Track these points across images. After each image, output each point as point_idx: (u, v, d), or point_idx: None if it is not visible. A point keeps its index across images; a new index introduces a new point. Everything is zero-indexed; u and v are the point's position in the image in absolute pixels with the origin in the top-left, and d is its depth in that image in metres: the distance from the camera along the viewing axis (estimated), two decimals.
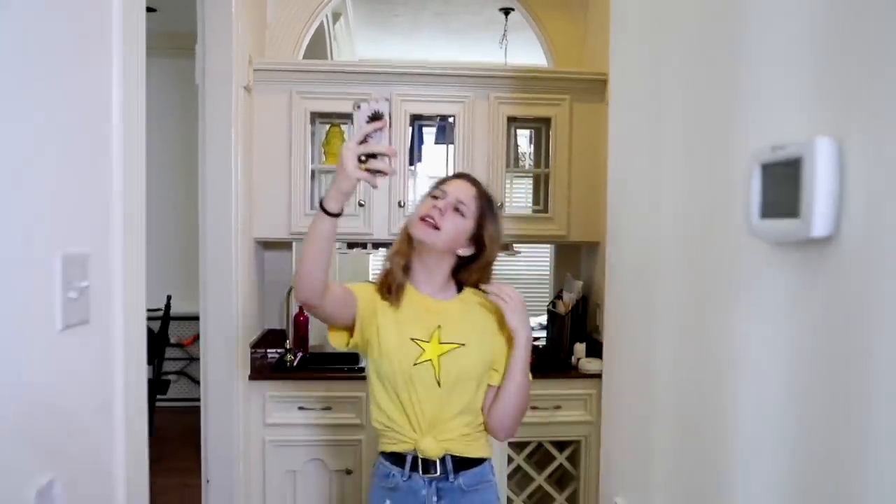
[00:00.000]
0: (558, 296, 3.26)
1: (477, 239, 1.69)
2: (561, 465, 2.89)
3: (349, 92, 2.93)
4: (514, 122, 3.18)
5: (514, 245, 3.25)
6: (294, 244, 3.31)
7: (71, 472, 1.18)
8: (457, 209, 1.65)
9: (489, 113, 3.04)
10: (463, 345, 1.66)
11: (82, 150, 1.24)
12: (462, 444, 1.67)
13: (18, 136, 1.03)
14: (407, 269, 1.71)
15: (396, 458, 1.68)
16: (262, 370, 2.85)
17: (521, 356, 1.67)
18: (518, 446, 2.87)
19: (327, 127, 3.18)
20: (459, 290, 1.75)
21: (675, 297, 1.25)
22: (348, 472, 2.80)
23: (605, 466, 1.61)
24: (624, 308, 1.55)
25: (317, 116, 3.07)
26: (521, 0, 3.45)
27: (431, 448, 1.63)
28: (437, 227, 1.62)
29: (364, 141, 1.42)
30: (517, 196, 3.60)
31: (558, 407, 2.81)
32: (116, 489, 1.36)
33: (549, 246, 3.83)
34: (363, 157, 1.42)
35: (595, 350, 2.83)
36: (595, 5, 3.23)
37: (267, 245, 3.26)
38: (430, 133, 3.35)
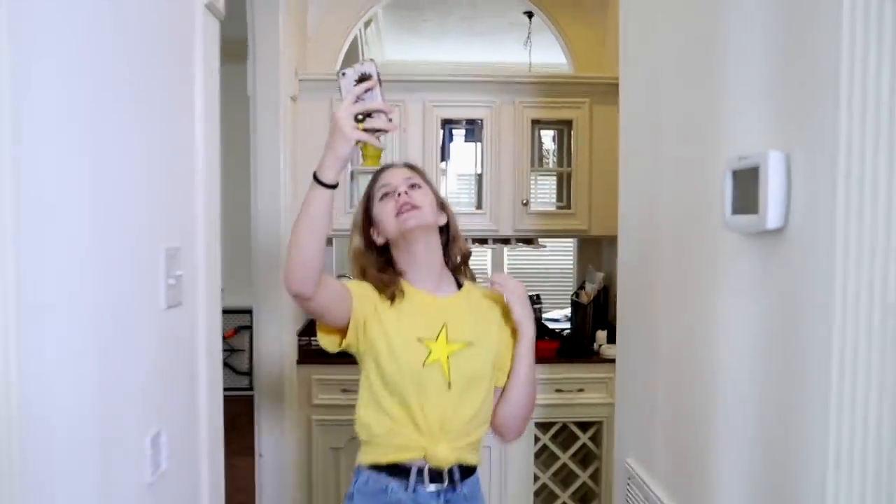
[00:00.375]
0: (581, 286, 3.48)
1: (440, 205, 1.63)
2: (584, 444, 3.11)
3: (386, 99, 3.16)
4: (537, 123, 3.40)
5: (539, 239, 3.48)
6: (335, 240, 3.57)
7: (171, 424, 1.43)
8: (412, 186, 1.57)
9: (514, 116, 3.27)
10: (471, 343, 1.55)
11: (175, 166, 1.50)
12: (469, 452, 1.55)
13: (135, 158, 1.29)
14: (386, 270, 1.60)
15: (396, 470, 1.51)
16: (308, 355, 3.11)
17: (528, 349, 1.58)
18: (544, 427, 3.09)
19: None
20: (459, 286, 1.65)
21: (670, 282, 1.48)
22: None
23: (618, 433, 1.84)
24: (632, 295, 1.77)
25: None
26: (542, 5, 3.67)
27: (446, 456, 1.50)
28: (416, 207, 1.53)
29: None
30: (542, 193, 3.81)
31: (581, 390, 3.03)
32: (201, 439, 1.62)
33: (572, 240, 4.05)
34: (360, 117, 1.31)
35: (615, 337, 3.04)
36: (612, 11, 3.43)
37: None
38: (459, 133, 3.57)
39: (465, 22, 5.55)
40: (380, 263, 1.61)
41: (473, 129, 3.44)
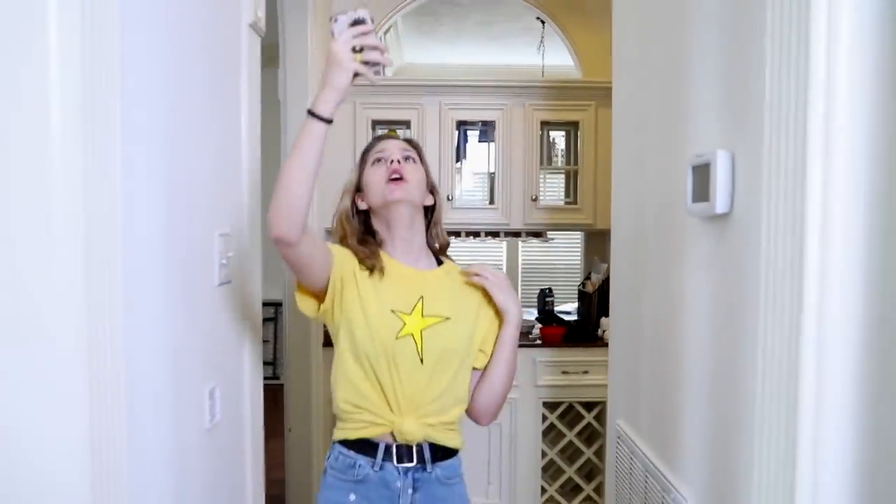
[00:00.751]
0: (587, 277, 3.71)
1: (429, 187, 1.62)
2: (589, 423, 3.34)
3: (405, 102, 3.42)
4: (546, 125, 3.64)
5: (547, 232, 3.71)
6: None
7: (223, 382, 1.69)
8: (406, 158, 1.56)
9: (525, 118, 3.51)
10: (448, 318, 1.52)
11: (225, 163, 1.76)
12: (441, 431, 1.52)
13: (197, 157, 1.55)
14: (366, 243, 1.57)
15: (364, 446, 1.50)
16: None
17: (512, 335, 1.57)
18: (551, 406, 3.32)
19: (385, 132, 3.67)
20: (439, 263, 1.63)
21: (652, 262, 1.71)
22: None
23: (610, 398, 2.07)
24: (622, 275, 2.01)
25: (376, 123, 3.57)
26: (551, 13, 3.90)
27: (412, 431, 1.48)
28: (404, 179, 1.52)
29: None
30: (550, 189, 4.03)
31: (586, 372, 3.26)
32: (244, 396, 1.87)
33: (579, 235, 4.28)
34: (357, 48, 1.29)
35: None
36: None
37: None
38: (473, 133, 3.81)
39: (480, 27, 5.77)
40: (359, 233, 1.58)
41: (487, 130, 3.68)
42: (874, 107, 0.94)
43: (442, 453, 1.53)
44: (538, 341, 3.31)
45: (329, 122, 1.31)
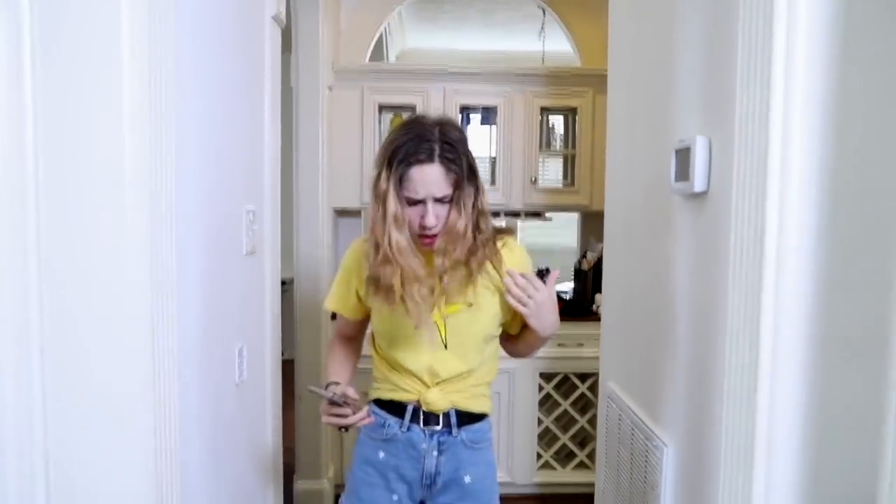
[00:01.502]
0: (583, 255, 3.88)
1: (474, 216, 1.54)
2: (583, 393, 3.52)
3: (411, 87, 3.58)
4: (546, 110, 3.79)
5: (546, 213, 3.88)
6: (362, 212, 3.99)
7: (249, 342, 1.86)
8: (440, 201, 1.49)
9: (525, 103, 3.66)
10: (470, 304, 1.54)
11: (251, 146, 1.92)
12: (468, 398, 1.60)
13: (230, 140, 1.72)
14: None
15: (394, 408, 1.59)
16: None
17: (531, 342, 1.65)
18: (547, 377, 3.50)
19: (391, 115, 3.83)
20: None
21: (640, 236, 1.88)
22: None
23: (602, 360, 2.25)
24: (614, 249, 2.17)
25: (383, 108, 3.72)
26: (550, 3, 4.04)
27: (436, 401, 1.56)
28: (434, 237, 1.50)
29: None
30: (549, 172, 4.19)
31: (581, 345, 3.43)
32: (266, 357, 2.05)
33: (576, 215, 4.45)
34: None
35: None
36: None
37: (341, 213, 3.93)
38: (475, 117, 3.96)
39: (483, 14, 5.91)
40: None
41: (488, 114, 3.83)
42: (824, 104, 1.10)
43: (469, 418, 1.60)
44: None
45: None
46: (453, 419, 1.58)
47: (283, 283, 2.28)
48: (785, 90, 1.12)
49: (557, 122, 4.00)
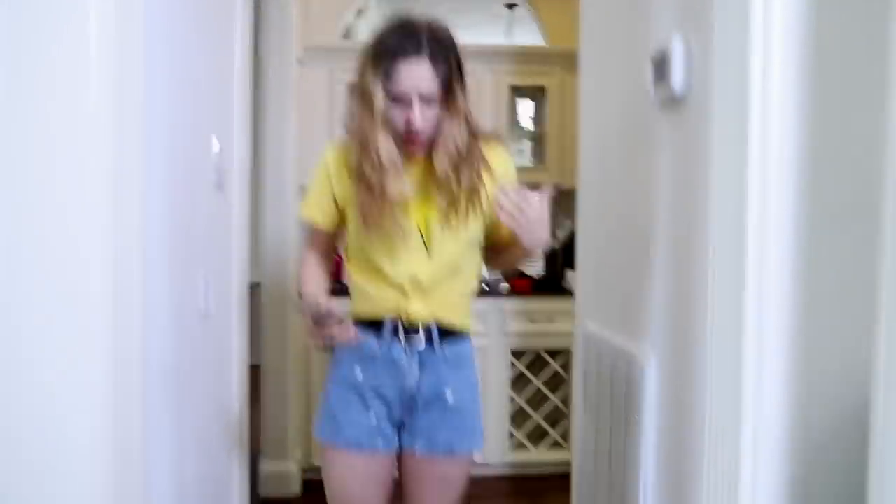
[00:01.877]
0: (553, 233, 3.89)
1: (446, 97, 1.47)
2: (556, 372, 3.49)
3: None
4: (516, 90, 3.81)
5: None
6: None
7: (213, 273, 1.80)
8: (428, 101, 1.44)
9: (494, 83, 3.67)
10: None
11: (222, 92, 1.89)
12: (449, 309, 1.56)
13: (206, 86, 1.68)
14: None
15: (372, 324, 1.53)
16: None
17: (517, 254, 1.63)
18: (518, 355, 3.47)
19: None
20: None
21: (616, 163, 1.86)
22: None
23: (578, 299, 2.22)
24: (589, 177, 2.13)
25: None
26: None
27: (418, 310, 1.52)
28: (418, 135, 1.45)
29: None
30: (519, 151, 4.20)
31: (552, 321, 3.42)
32: (232, 290, 2.00)
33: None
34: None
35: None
36: None
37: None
38: None
39: (451, 13, 5.95)
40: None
41: None
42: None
43: (449, 334, 1.55)
44: (506, 292, 3.46)
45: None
46: (435, 334, 1.53)
47: (251, 286, 2.21)
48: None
49: (525, 104, 4.03)
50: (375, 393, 1.54)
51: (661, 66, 1.46)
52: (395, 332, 1.52)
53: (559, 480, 1.73)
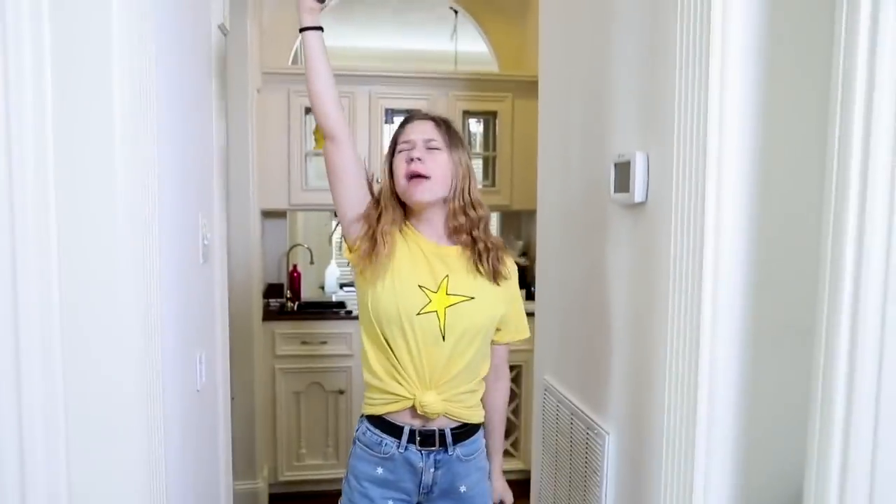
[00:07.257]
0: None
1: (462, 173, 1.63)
2: None
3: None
4: (468, 114, 3.94)
5: None
6: (287, 214, 4.00)
7: (207, 349, 1.90)
8: (430, 148, 1.59)
9: (448, 107, 3.79)
10: (472, 298, 1.59)
11: (202, 156, 1.95)
12: (462, 406, 1.61)
13: (189, 150, 1.75)
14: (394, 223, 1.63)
15: (390, 428, 1.60)
16: (271, 313, 3.57)
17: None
18: None
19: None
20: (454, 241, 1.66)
21: (577, 239, 2.02)
22: (341, 392, 3.56)
23: (537, 355, 2.39)
24: (549, 247, 2.32)
25: (309, 110, 3.76)
26: (466, 5, 4.19)
27: (432, 403, 1.56)
28: (426, 176, 1.57)
29: None
30: None
31: None
32: (218, 363, 2.09)
33: (496, 214, 4.63)
34: None
35: (531, 296, 3.60)
36: (532, 14, 3.95)
37: (267, 214, 3.94)
38: (398, 118, 4.05)
39: (396, 14, 5.97)
40: (391, 215, 1.63)
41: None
42: (755, 124, 1.27)
43: (463, 434, 1.63)
44: None
45: (318, 28, 1.58)
46: (448, 438, 1.61)
47: None
48: (720, 114, 1.27)
49: (477, 127, 4.16)
50: (395, 486, 1.63)
51: (623, 174, 1.60)
52: (412, 438, 1.60)
53: (514, 487, 1.91)
